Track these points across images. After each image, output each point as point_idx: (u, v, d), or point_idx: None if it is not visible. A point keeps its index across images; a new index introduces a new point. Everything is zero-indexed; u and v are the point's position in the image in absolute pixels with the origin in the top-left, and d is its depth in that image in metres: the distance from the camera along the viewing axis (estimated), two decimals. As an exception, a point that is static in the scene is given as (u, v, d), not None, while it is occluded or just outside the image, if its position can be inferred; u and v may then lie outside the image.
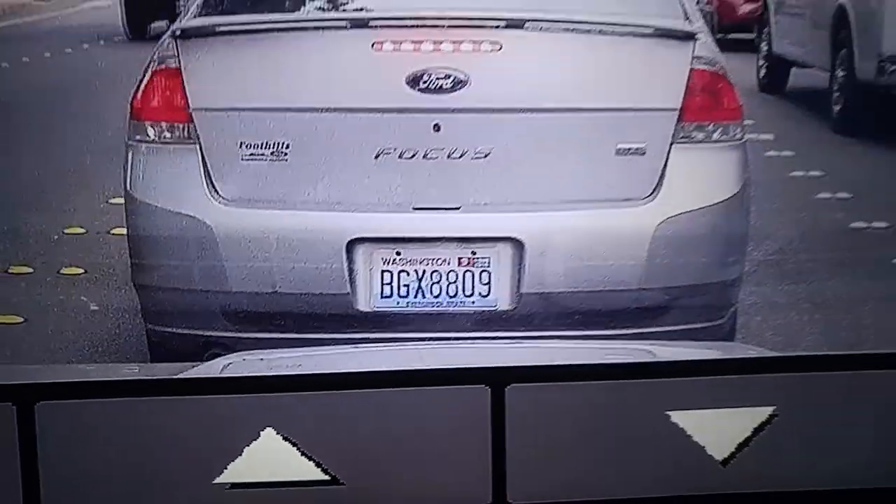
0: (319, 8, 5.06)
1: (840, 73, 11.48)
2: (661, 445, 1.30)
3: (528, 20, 4.41)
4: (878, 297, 6.02)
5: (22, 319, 5.59)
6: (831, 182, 8.84)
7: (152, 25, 18.41)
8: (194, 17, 4.60)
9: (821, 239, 7.31)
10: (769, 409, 1.30)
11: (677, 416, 1.29)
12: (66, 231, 7.04)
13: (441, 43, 4.24)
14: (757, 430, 1.30)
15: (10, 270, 6.30)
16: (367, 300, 4.14)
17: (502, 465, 1.29)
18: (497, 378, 1.29)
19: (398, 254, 4.14)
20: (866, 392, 1.32)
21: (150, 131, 4.31)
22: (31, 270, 6.32)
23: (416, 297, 4.14)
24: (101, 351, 5.21)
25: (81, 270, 6.28)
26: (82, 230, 7.03)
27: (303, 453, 1.26)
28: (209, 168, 4.22)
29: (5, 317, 5.58)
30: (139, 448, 1.25)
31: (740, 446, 1.30)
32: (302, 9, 5.05)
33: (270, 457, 1.25)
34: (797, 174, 9.21)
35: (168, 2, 17.00)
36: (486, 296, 4.15)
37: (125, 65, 9.25)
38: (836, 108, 11.57)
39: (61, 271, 6.28)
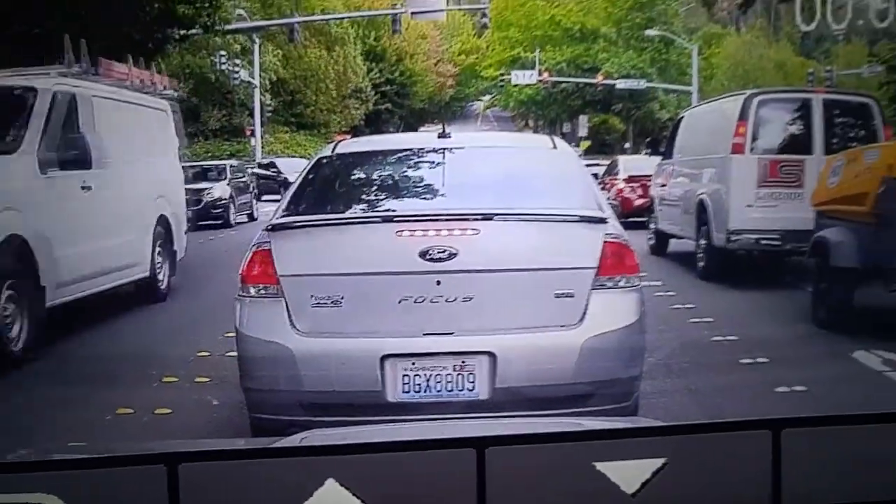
0: (362, 209, 5.10)
1: (702, 241, 11.72)
2: (590, 484, 1.28)
3: (496, 214, 4.47)
4: (730, 385, 6.09)
5: (170, 411, 5.62)
6: (699, 311, 8.92)
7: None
8: (279, 217, 4.68)
9: (693, 348, 7.32)
10: (662, 460, 1.29)
11: (601, 466, 1.28)
12: (198, 354, 7.09)
13: (440, 230, 4.29)
14: (654, 473, 1.29)
15: (163, 380, 6.34)
16: (393, 394, 4.11)
17: (483, 500, 1.28)
18: (480, 443, 1.28)
19: (413, 364, 4.12)
20: (726, 446, 1.32)
21: (252, 290, 4.34)
22: (176, 379, 6.37)
23: (425, 391, 4.11)
24: (221, 430, 5.23)
25: (208, 379, 6.31)
26: (208, 353, 7.05)
27: (354, 495, 1.24)
28: (290, 312, 4.23)
29: (160, 409, 5.62)
30: (247, 496, 1.23)
31: (643, 484, 1.29)
32: (349, 211, 5.10)
33: (332, 498, 1.24)
34: (677, 306, 9.25)
35: None
36: (472, 390, 4.11)
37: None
38: (701, 263, 11.76)
39: (195, 380, 6.33)
